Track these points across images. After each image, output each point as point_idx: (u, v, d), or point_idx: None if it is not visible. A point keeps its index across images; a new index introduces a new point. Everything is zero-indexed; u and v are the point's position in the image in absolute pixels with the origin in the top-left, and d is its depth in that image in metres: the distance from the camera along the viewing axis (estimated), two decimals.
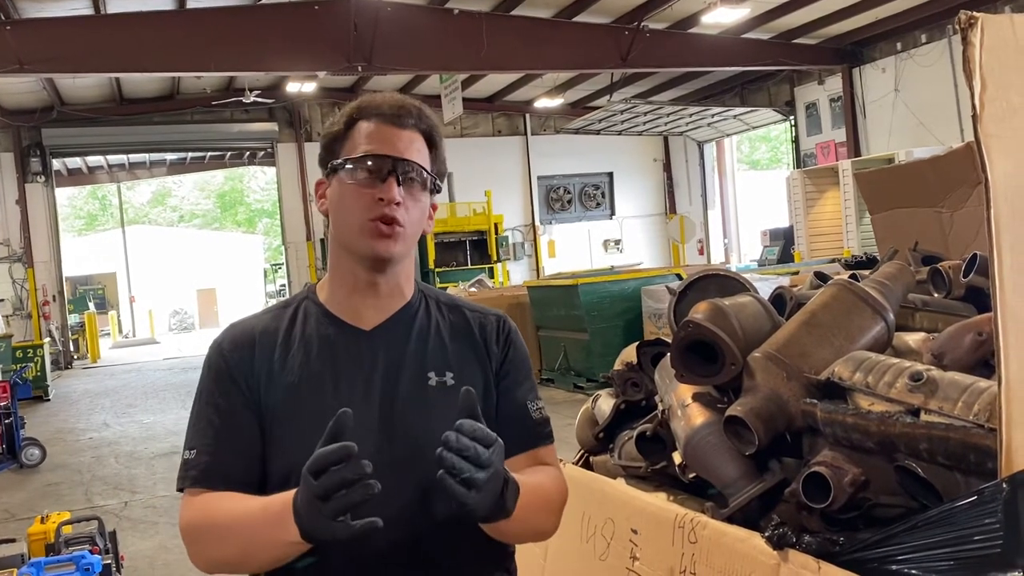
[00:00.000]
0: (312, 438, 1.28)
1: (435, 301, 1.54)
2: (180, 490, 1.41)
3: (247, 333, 1.48)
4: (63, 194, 27.52)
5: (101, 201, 42.66)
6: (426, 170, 1.43)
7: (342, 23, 12.94)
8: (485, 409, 1.41)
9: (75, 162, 23.45)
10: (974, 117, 1.29)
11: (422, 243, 18.51)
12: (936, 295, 2.20)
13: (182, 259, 37.09)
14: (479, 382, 1.46)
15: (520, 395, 1.50)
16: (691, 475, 1.81)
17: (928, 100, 14.05)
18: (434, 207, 1.50)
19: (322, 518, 1.15)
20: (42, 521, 4.28)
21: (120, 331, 31.90)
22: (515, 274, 19.55)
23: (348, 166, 1.42)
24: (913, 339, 1.86)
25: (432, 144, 1.47)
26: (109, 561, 3.97)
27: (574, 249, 20.91)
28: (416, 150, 1.43)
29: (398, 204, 1.39)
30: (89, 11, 12.79)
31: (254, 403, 1.41)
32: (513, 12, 14.13)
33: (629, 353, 2.33)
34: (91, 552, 3.87)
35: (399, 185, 1.40)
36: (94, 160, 23.77)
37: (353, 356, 1.43)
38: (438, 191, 1.48)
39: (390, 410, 1.40)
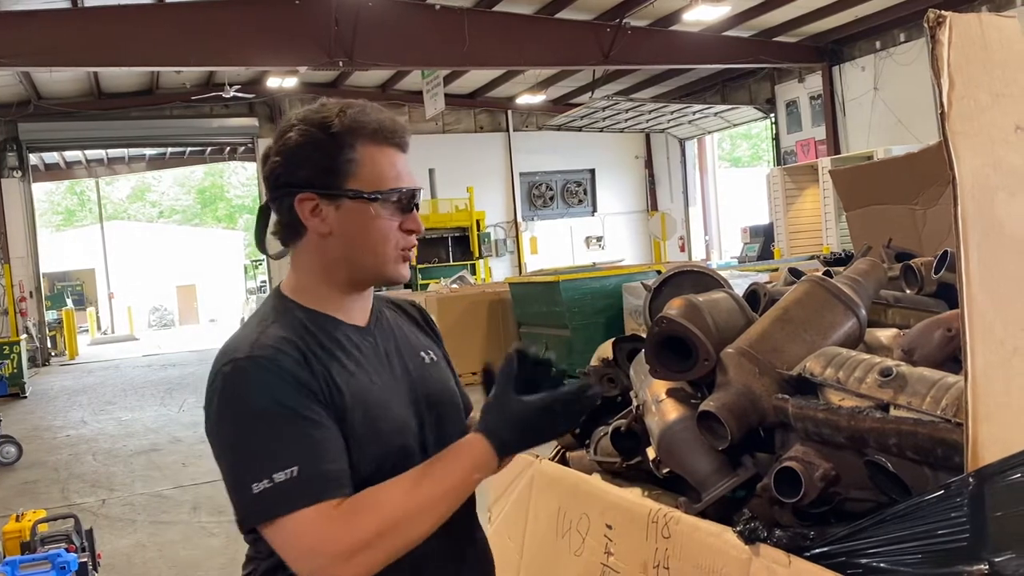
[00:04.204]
0: (388, 426, 1.43)
1: (377, 299, 1.63)
2: (277, 515, 1.28)
3: (284, 342, 1.38)
4: (40, 189, 27.26)
5: (79, 196, 42.24)
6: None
7: (323, 18, 12.89)
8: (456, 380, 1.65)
9: (52, 157, 23.23)
10: (942, 115, 1.30)
11: None
12: (908, 291, 2.22)
13: (162, 255, 36.79)
14: (444, 358, 1.65)
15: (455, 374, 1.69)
16: (665, 470, 1.82)
17: (907, 98, 14.17)
18: None
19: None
20: (17, 519, 4.23)
21: (99, 328, 31.61)
22: (497, 271, 19.55)
23: (379, 199, 1.43)
24: (884, 335, 1.88)
25: None
26: (85, 559, 3.94)
27: (556, 246, 20.93)
28: (415, 171, 1.50)
29: None
30: (66, 4, 12.66)
31: (330, 406, 1.37)
32: (495, 8, 14.13)
33: (605, 349, 2.33)
34: (67, 550, 3.84)
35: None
36: (72, 155, 23.56)
37: (369, 349, 1.50)
38: None
39: (413, 388, 1.51)
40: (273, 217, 1.50)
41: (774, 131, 17.95)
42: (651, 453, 1.85)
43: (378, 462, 1.39)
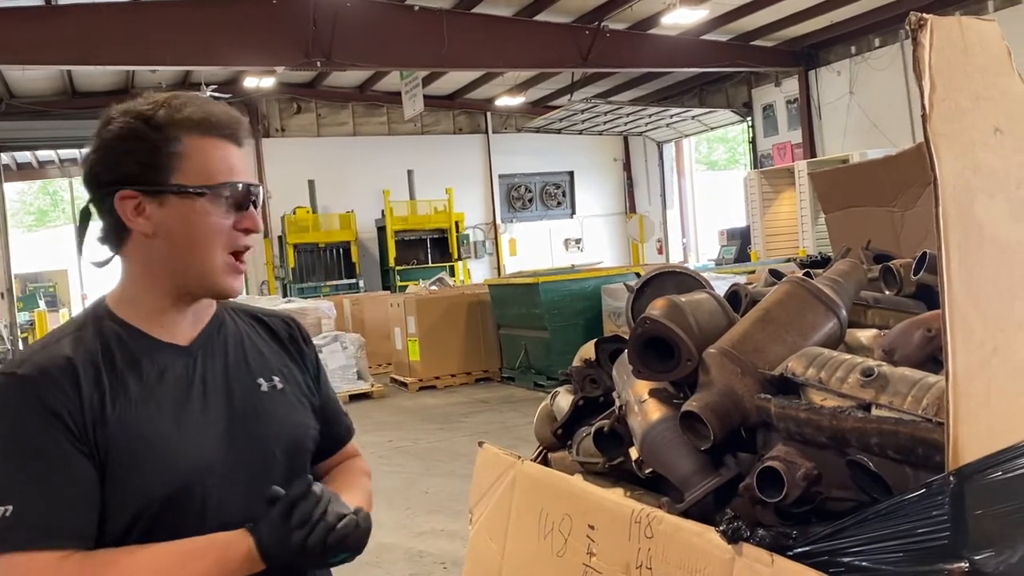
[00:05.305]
0: (160, 466, 1.27)
1: (232, 310, 1.51)
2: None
3: (60, 361, 1.25)
4: (12, 189, 26.85)
5: (52, 196, 41.69)
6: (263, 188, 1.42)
7: (301, 18, 12.81)
8: (311, 407, 1.51)
9: (24, 156, 22.89)
10: (924, 117, 1.31)
11: (383, 240, 18.40)
12: (888, 292, 2.24)
13: None
14: (301, 382, 1.51)
15: (331, 392, 1.61)
16: (648, 470, 1.82)
17: (881, 102, 14.33)
18: None
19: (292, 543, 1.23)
20: None
21: None
22: (476, 272, 19.52)
23: (206, 194, 1.31)
24: (865, 335, 1.89)
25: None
26: None
27: (535, 248, 20.94)
28: (253, 168, 1.40)
29: None
30: (40, 2, 12.49)
31: (86, 442, 1.23)
32: (474, 10, 14.12)
33: (588, 350, 2.33)
34: None
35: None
36: (44, 154, 23.22)
37: (179, 375, 1.35)
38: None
39: (231, 421, 1.37)
40: (99, 221, 1.38)
41: (751, 134, 18.07)
42: (634, 453, 1.85)
43: (136, 506, 1.25)
